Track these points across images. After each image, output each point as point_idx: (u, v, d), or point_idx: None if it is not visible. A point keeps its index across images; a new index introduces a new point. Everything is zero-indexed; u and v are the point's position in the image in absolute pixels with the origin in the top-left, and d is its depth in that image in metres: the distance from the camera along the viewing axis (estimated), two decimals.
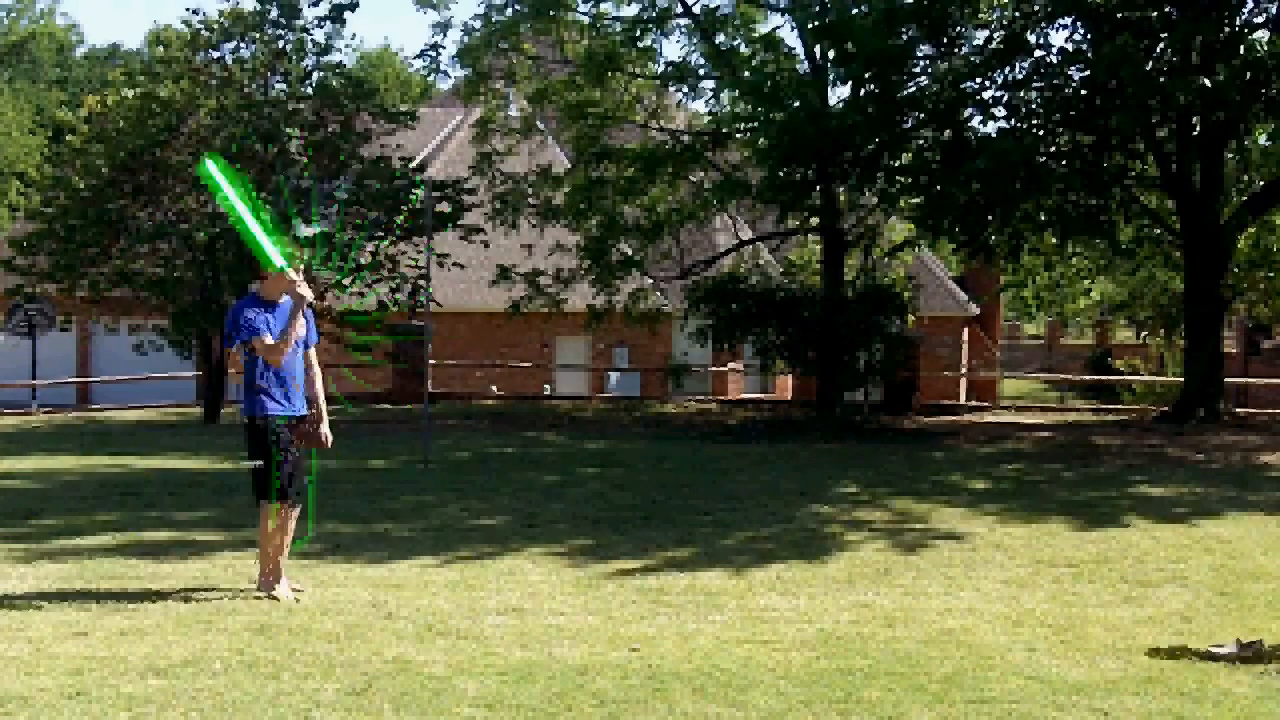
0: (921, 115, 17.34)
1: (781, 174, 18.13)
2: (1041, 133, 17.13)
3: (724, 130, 21.24)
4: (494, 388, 27.19)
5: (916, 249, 25.12)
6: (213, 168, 6.80)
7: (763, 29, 21.34)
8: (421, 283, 22.33)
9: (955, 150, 16.74)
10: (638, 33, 21.56)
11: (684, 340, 25.00)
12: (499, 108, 23.03)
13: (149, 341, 22.19)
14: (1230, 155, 19.04)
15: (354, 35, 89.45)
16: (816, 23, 17.96)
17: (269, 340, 6.83)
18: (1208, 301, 18.61)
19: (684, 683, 5.37)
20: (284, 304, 6.95)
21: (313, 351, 7.25)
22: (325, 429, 7.20)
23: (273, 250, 6.84)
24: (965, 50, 17.68)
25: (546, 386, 28.42)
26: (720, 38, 21.12)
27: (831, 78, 19.31)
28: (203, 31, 21.68)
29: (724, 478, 12.61)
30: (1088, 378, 38.48)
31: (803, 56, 20.66)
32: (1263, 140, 19.06)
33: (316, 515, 10.24)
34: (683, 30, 22.42)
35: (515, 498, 11.34)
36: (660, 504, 10.74)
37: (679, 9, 21.64)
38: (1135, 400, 31.69)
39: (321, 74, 22.38)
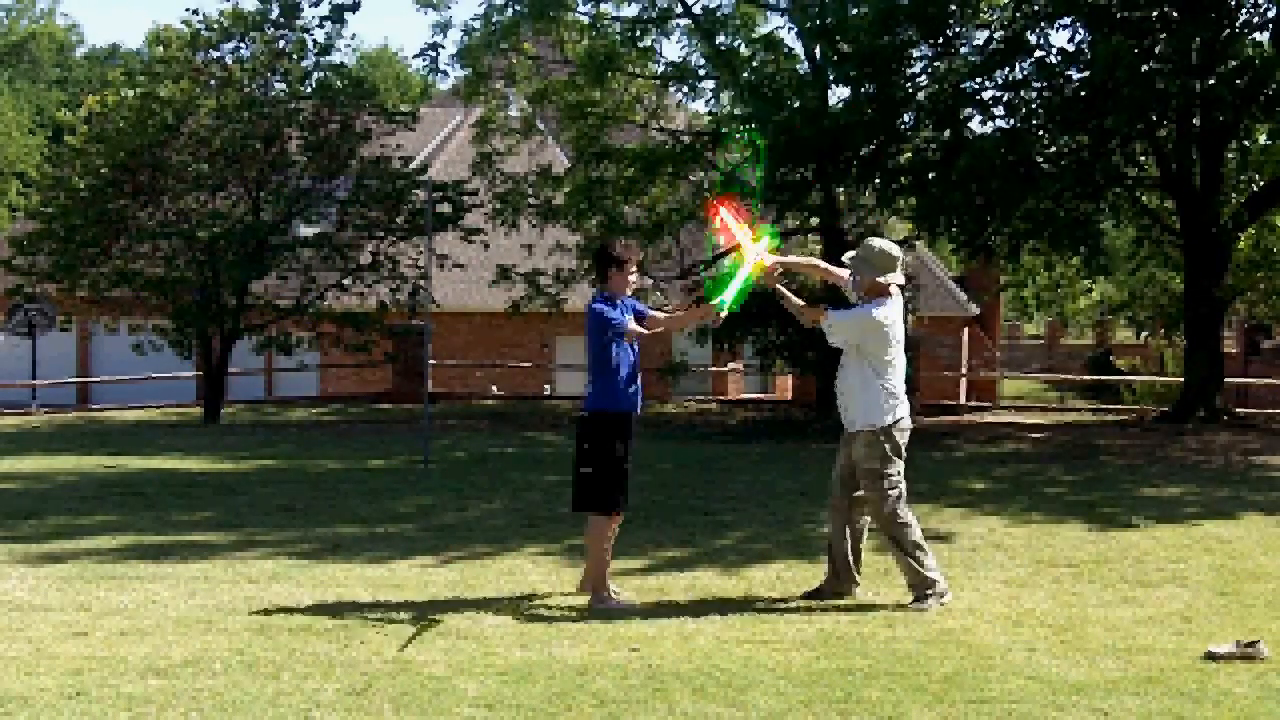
0: (921, 116, 17.33)
1: (781, 174, 18.12)
2: (1041, 134, 17.11)
3: (724, 130, 21.22)
4: (494, 388, 27.18)
5: (913, 248, 25.08)
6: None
7: (762, 29, 21.33)
8: (421, 283, 22.35)
9: (951, 150, 16.73)
10: (638, 33, 21.54)
11: (684, 340, 24.97)
12: (499, 108, 23.01)
13: (149, 341, 22.19)
14: (1230, 155, 19.03)
15: (354, 35, 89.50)
16: (813, 23, 17.95)
17: (634, 326, 6.91)
18: (1208, 301, 18.59)
19: (684, 683, 5.37)
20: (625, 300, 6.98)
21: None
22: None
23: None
24: (965, 50, 17.68)
25: (546, 386, 28.41)
26: (720, 38, 21.09)
27: (830, 78, 19.31)
28: (203, 31, 21.69)
29: (724, 478, 12.61)
30: (1088, 378, 38.47)
31: (802, 57, 20.65)
32: (1262, 140, 19.06)
33: (326, 515, 10.26)
34: (683, 30, 22.40)
35: (515, 498, 11.34)
36: (660, 504, 10.73)
37: (679, 9, 21.62)
38: (1135, 400, 31.71)
39: (321, 74, 22.38)
